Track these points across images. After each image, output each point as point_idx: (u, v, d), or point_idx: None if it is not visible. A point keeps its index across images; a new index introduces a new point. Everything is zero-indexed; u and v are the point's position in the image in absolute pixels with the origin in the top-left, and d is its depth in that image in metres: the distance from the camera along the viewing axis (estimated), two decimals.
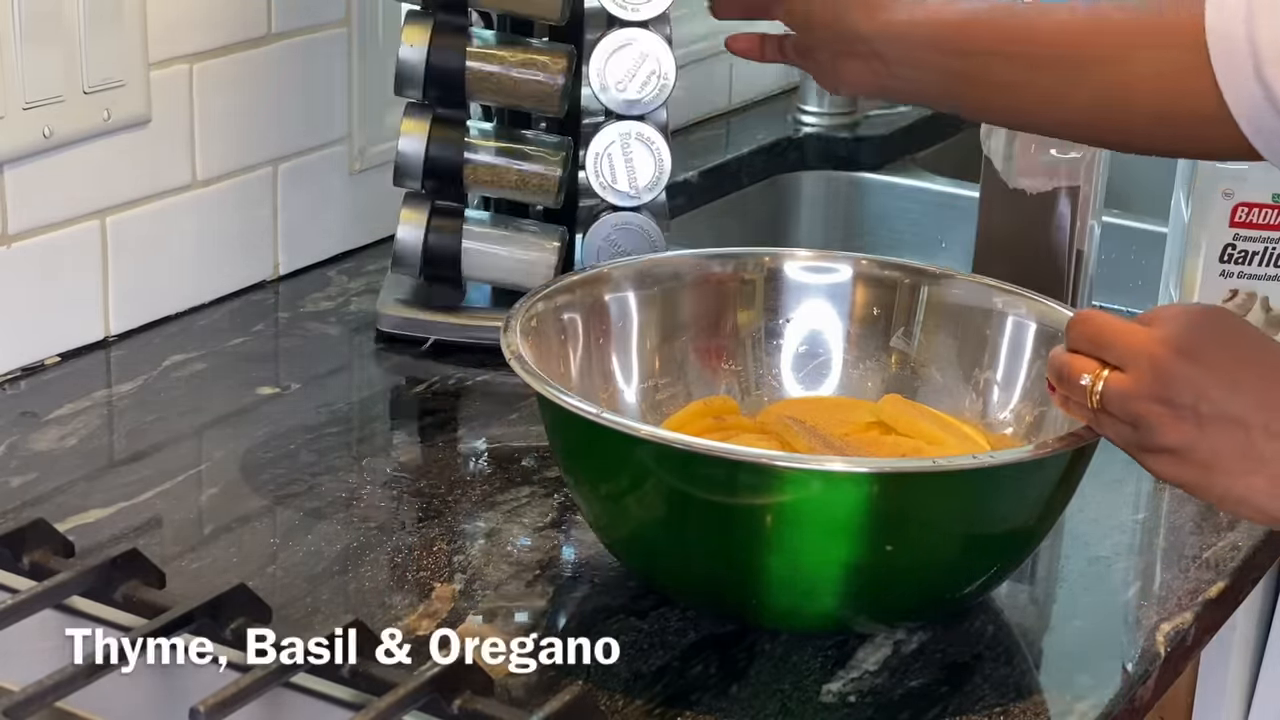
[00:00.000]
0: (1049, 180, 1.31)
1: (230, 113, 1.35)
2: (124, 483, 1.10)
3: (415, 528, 1.06)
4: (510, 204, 1.34)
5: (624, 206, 1.29)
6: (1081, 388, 0.88)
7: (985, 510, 0.95)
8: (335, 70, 1.43)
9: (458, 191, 1.29)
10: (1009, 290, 1.10)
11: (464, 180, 1.28)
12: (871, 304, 1.13)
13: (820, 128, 1.86)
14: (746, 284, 1.14)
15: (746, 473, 0.92)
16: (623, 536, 1.00)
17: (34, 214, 1.22)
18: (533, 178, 1.29)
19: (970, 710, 0.92)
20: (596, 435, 0.94)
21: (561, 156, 1.29)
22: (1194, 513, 1.13)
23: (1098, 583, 1.05)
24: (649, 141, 1.28)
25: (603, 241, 1.29)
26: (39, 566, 0.88)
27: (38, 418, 1.17)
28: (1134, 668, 0.96)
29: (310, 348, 1.32)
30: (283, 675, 0.79)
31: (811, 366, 1.13)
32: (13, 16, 1.16)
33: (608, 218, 1.30)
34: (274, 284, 1.41)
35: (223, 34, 1.33)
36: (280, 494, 1.10)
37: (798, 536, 0.92)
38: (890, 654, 0.96)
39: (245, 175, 1.38)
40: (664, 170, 1.29)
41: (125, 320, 1.30)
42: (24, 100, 1.19)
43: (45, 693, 0.76)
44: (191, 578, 0.98)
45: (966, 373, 1.10)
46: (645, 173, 1.28)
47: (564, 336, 1.06)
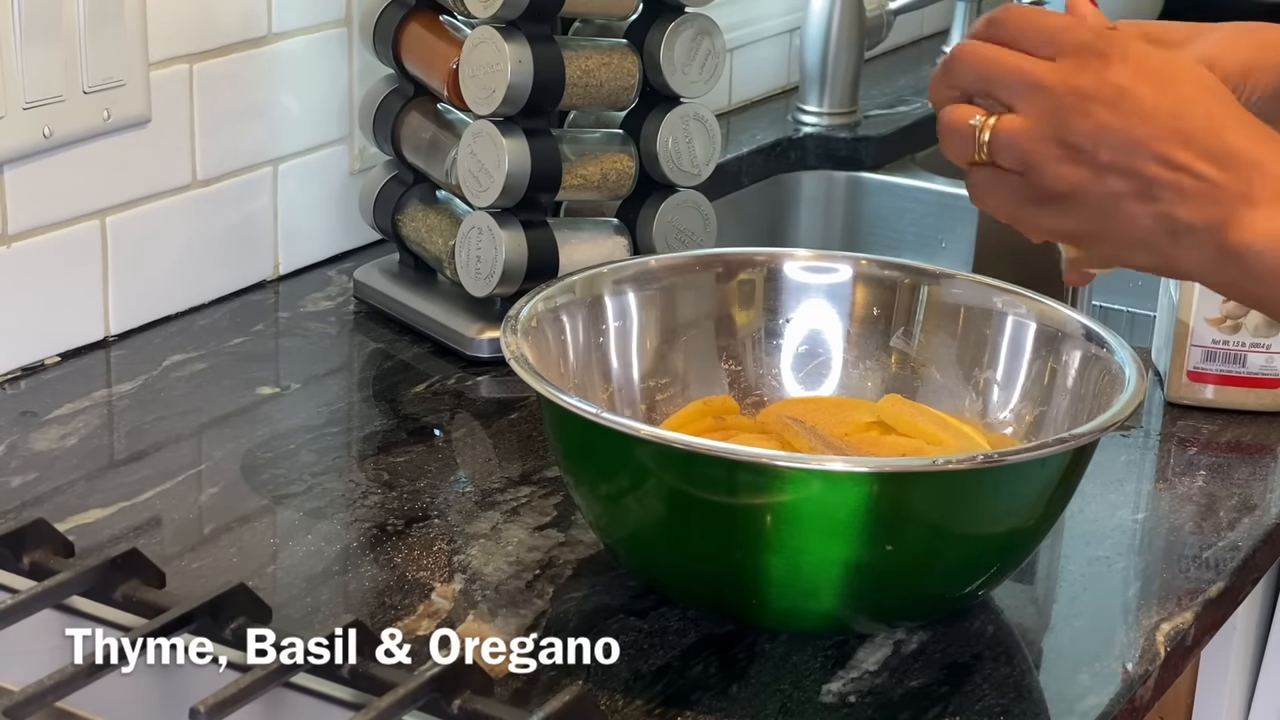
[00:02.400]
0: None
1: (230, 113, 1.35)
2: (124, 483, 1.10)
3: (415, 527, 1.06)
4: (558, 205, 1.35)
5: (687, 185, 1.32)
6: (968, 131, 0.83)
7: (985, 510, 0.95)
8: (335, 70, 1.43)
9: (541, 202, 1.28)
10: (1009, 290, 1.10)
11: (559, 188, 1.28)
12: (871, 304, 1.13)
13: (820, 128, 1.86)
14: (746, 284, 1.14)
15: (746, 473, 0.92)
16: (623, 536, 1.00)
17: (34, 214, 1.22)
18: (613, 175, 1.30)
19: (970, 710, 0.92)
20: (596, 435, 0.94)
21: (632, 149, 1.31)
22: (1194, 513, 1.13)
23: (1098, 583, 1.05)
24: (704, 120, 1.31)
25: (668, 225, 1.31)
26: (39, 566, 0.88)
27: (38, 418, 1.17)
28: (1134, 668, 0.96)
29: (310, 348, 1.32)
30: (283, 675, 0.79)
31: (811, 366, 1.13)
32: (13, 16, 1.17)
33: (668, 201, 1.31)
34: (274, 284, 1.41)
35: (223, 34, 1.33)
36: (280, 494, 1.10)
37: (798, 536, 0.92)
38: (890, 654, 0.96)
39: (245, 175, 1.38)
40: (717, 145, 1.33)
41: (125, 320, 1.30)
42: (24, 100, 1.19)
43: (45, 693, 0.76)
44: (191, 578, 0.98)
45: (966, 373, 1.10)
46: (703, 150, 1.32)
47: (564, 336, 1.06)
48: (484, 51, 1.24)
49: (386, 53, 1.36)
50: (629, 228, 1.32)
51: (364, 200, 1.40)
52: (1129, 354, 1.01)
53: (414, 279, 1.37)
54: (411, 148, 1.36)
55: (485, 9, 1.23)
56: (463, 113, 1.30)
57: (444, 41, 1.30)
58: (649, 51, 1.29)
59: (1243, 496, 1.15)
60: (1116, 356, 1.02)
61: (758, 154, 1.82)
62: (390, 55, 1.36)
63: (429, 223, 1.35)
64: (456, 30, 1.31)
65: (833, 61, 1.85)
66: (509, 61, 1.23)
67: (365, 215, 1.40)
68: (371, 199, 1.39)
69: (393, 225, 1.38)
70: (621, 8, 1.29)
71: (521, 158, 1.25)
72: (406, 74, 1.36)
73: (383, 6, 1.35)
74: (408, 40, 1.34)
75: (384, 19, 1.35)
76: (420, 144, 1.35)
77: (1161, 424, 1.26)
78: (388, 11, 1.35)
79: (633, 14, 1.30)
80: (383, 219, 1.38)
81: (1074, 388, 1.05)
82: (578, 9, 1.28)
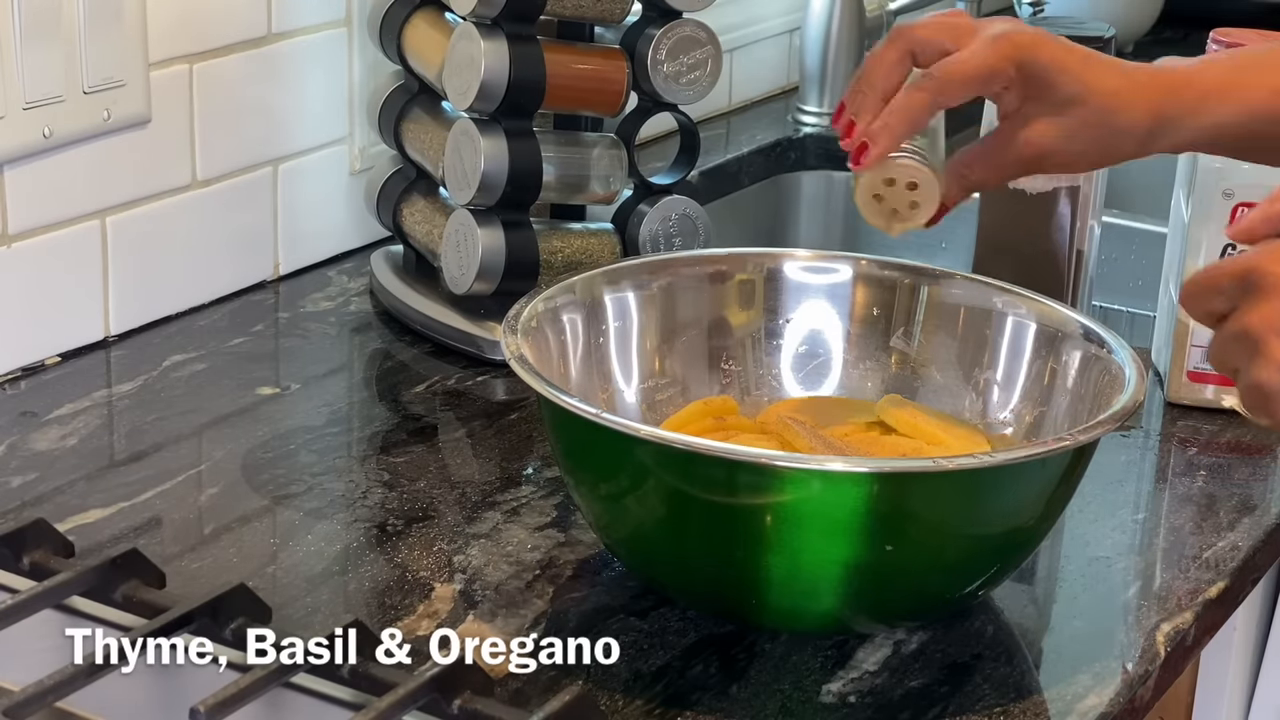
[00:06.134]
0: (1049, 180, 1.31)
1: (230, 113, 1.35)
2: (124, 483, 1.10)
3: (415, 527, 1.06)
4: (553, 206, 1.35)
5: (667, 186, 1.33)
6: None
7: (985, 510, 0.95)
8: (335, 70, 1.43)
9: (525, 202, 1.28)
10: (1009, 290, 1.10)
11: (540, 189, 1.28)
12: (871, 304, 1.13)
13: (820, 128, 1.86)
14: (746, 284, 1.14)
15: (746, 473, 0.92)
16: (623, 536, 1.00)
17: (34, 214, 1.22)
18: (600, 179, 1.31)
19: (970, 710, 0.92)
20: (596, 435, 0.94)
21: (622, 154, 1.31)
22: (1194, 513, 1.13)
23: (1098, 583, 1.05)
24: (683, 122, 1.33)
25: (659, 225, 1.31)
26: (39, 566, 0.88)
27: (38, 418, 1.17)
28: (1134, 668, 0.96)
29: (310, 348, 1.32)
30: (283, 675, 0.79)
31: (811, 366, 1.13)
32: (13, 16, 1.17)
33: (657, 205, 1.31)
34: (274, 284, 1.41)
35: (223, 34, 1.33)
36: (280, 494, 1.10)
37: (798, 536, 0.92)
38: (890, 654, 0.96)
39: (245, 175, 1.38)
40: (698, 144, 1.35)
41: (125, 320, 1.30)
42: (24, 100, 1.19)
43: (45, 693, 0.76)
44: (191, 578, 0.98)
45: (966, 373, 1.10)
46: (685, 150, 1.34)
47: (564, 336, 1.06)
48: (463, 47, 1.25)
49: (391, 49, 1.36)
50: (619, 230, 1.33)
51: (368, 195, 1.40)
52: (1129, 354, 1.01)
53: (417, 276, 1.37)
54: (413, 144, 1.36)
55: (465, 5, 1.23)
56: None
57: (446, 38, 1.30)
58: (639, 57, 1.28)
59: (1243, 496, 1.15)
60: (1116, 356, 1.02)
61: (757, 154, 1.82)
62: (395, 51, 1.36)
63: (430, 219, 1.35)
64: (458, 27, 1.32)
65: (833, 62, 1.85)
66: (484, 57, 1.23)
67: (370, 210, 1.40)
68: (375, 194, 1.39)
69: (395, 221, 1.38)
70: (614, 12, 1.29)
71: (499, 157, 1.25)
72: (411, 70, 1.36)
73: (389, 3, 1.36)
74: (412, 36, 1.35)
75: (390, 15, 1.35)
76: (422, 140, 1.35)
77: (1161, 424, 1.26)
78: (394, 8, 1.35)
79: (626, 19, 1.29)
80: (386, 214, 1.39)
81: (1074, 388, 1.05)
82: (570, 12, 1.28)
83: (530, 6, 1.24)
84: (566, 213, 1.35)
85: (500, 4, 1.22)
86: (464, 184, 1.26)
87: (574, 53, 1.28)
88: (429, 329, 1.32)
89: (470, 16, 1.24)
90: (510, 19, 1.24)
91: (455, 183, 1.27)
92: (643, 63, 1.28)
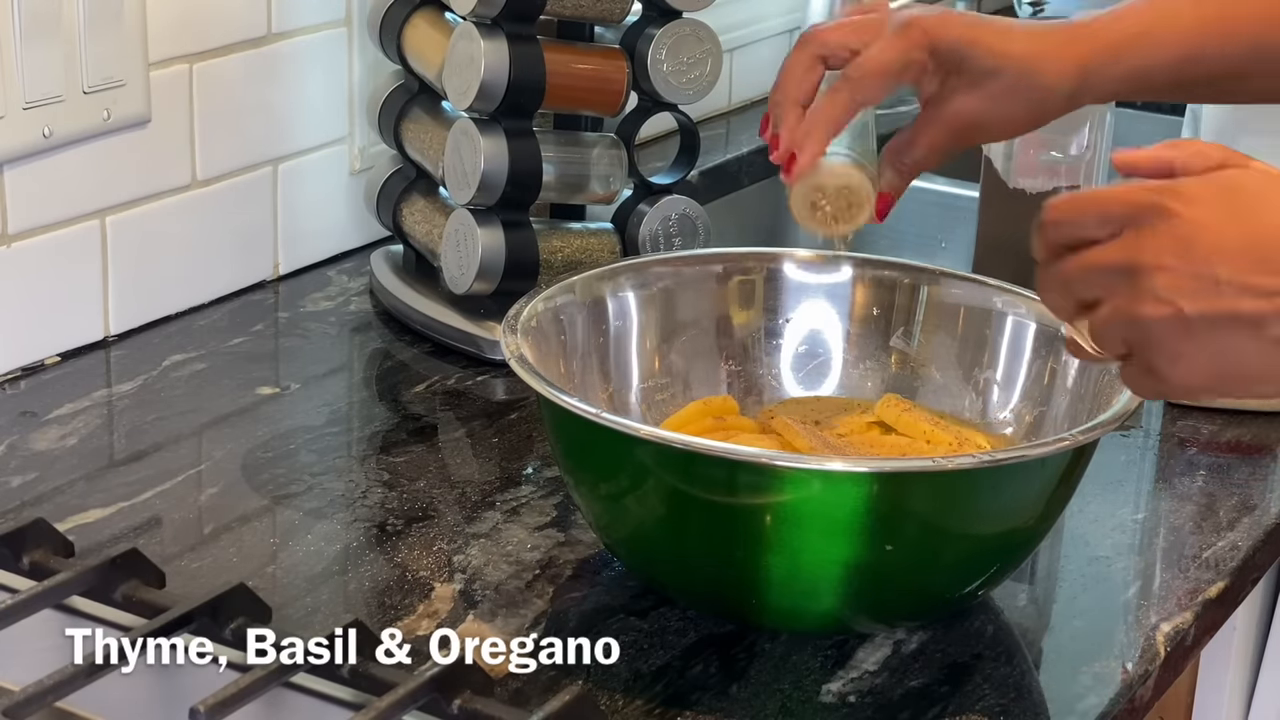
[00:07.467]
0: (1049, 180, 1.31)
1: (230, 113, 1.35)
2: (124, 482, 1.10)
3: (415, 527, 1.06)
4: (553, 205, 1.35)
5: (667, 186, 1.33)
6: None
7: (985, 510, 0.95)
8: (335, 70, 1.43)
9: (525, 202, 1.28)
10: (1009, 290, 1.10)
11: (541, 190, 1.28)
12: (871, 304, 1.13)
13: None
14: (746, 284, 1.14)
15: (746, 473, 0.92)
16: (623, 536, 1.00)
17: (34, 214, 1.22)
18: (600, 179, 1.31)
19: (970, 710, 0.92)
20: (596, 435, 0.94)
21: (622, 154, 1.31)
22: (1194, 512, 1.13)
23: (1098, 583, 1.05)
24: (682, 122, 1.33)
25: (659, 225, 1.31)
26: (39, 566, 0.88)
27: (38, 418, 1.17)
28: (1134, 668, 0.96)
29: (310, 348, 1.32)
30: (283, 675, 0.79)
31: (811, 366, 1.13)
32: (13, 16, 1.16)
33: (656, 204, 1.31)
34: (274, 284, 1.41)
35: (223, 34, 1.33)
36: (280, 494, 1.10)
37: (798, 536, 0.92)
38: (890, 654, 0.96)
39: (245, 175, 1.38)
40: (698, 143, 1.34)
41: (125, 320, 1.30)
42: (24, 100, 1.19)
43: (45, 693, 0.76)
44: (191, 578, 0.98)
45: (966, 373, 1.10)
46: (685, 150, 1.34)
47: (564, 336, 1.06)
48: (463, 47, 1.25)
49: (392, 48, 1.36)
50: (619, 230, 1.33)
51: (368, 195, 1.40)
52: None
53: (417, 275, 1.37)
54: (413, 143, 1.36)
55: (465, 5, 1.23)
56: None
57: (446, 37, 1.30)
58: (639, 56, 1.29)
59: (1243, 496, 1.15)
60: None
61: (758, 154, 1.82)
62: (395, 51, 1.36)
63: (430, 219, 1.35)
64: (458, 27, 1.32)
65: None
66: (483, 57, 1.23)
67: (370, 210, 1.41)
68: (375, 194, 1.39)
69: (395, 220, 1.38)
70: (614, 12, 1.29)
71: (499, 157, 1.25)
72: (411, 70, 1.36)
73: (389, 3, 1.36)
74: (412, 36, 1.35)
75: (390, 15, 1.36)
76: (422, 140, 1.35)
77: (1161, 424, 1.25)
78: (394, 8, 1.35)
79: (626, 18, 1.29)
80: (385, 214, 1.39)
81: (1074, 388, 1.05)
82: (570, 12, 1.28)
83: (530, 6, 1.24)
84: (566, 212, 1.35)
85: (500, 4, 1.22)
86: (464, 184, 1.26)
87: (574, 52, 1.28)
88: (429, 329, 1.32)
89: (470, 16, 1.24)
90: (510, 19, 1.24)
91: (455, 182, 1.27)
92: (643, 62, 1.28)
